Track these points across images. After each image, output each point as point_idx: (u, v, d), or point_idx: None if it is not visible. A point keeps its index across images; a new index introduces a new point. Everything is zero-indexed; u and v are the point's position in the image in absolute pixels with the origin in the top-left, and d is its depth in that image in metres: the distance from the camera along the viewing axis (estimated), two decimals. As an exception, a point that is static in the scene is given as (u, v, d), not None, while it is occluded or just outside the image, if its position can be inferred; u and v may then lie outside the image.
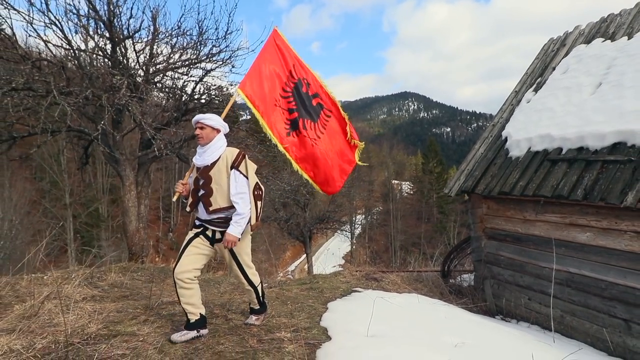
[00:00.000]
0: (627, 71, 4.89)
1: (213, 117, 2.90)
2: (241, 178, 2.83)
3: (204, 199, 2.82)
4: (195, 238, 2.87)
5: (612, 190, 3.92)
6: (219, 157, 2.85)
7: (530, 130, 5.49)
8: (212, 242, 2.88)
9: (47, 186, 29.81)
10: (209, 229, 2.87)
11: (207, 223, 2.87)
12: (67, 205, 28.90)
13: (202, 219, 2.88)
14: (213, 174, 2.83)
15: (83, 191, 32.15)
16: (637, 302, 3.95)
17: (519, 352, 3.05)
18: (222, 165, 2.84)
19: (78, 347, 2.53)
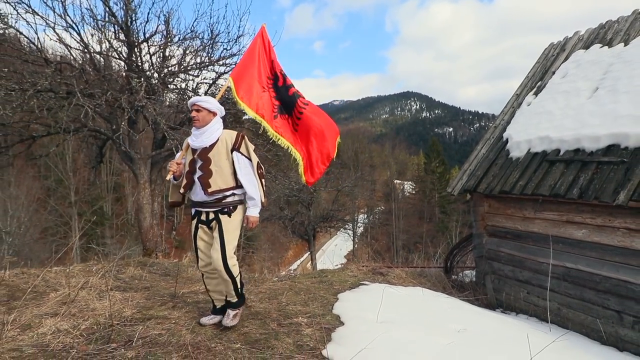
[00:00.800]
0: (623, 77, 5.13)
1: (209, 100, 2.90)
2: (244, 160, 2.86)
3: (202, 180, 2.80)
4: (197, 231, 2.92)
5: (606, 190, 4.18)
6: (218, 139, 2.86)
7: (530, 132, 5.74)
8: (209, 224, 2.87)
9: (53, 184, 30.19)
10: (202, 213, 2.88)
11: (200, 205, 2.87)
12: (73, 204, 29.29)
13: (196, 200, 2.88)
14: (212, 155, 2.82)
15: (87, 189, 32.53)
16: (629, 294, 4.21)
17: (517, 338, 3.31)
18: (222, 148, 2.85)
19: (118, 328, 2.81)
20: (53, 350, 2.46)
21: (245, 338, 2.81)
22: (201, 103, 2.86)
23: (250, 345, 2.69)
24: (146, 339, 2.66)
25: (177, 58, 7.90)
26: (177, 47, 7.88)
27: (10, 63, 5.50)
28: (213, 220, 2.85)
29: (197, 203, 2.89)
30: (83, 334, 2.70)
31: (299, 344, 2.80)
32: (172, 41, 7.48)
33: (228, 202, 2.85)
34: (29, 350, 2.44)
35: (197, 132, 2.87)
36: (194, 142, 2.87)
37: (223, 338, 2.75)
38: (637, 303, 4.14)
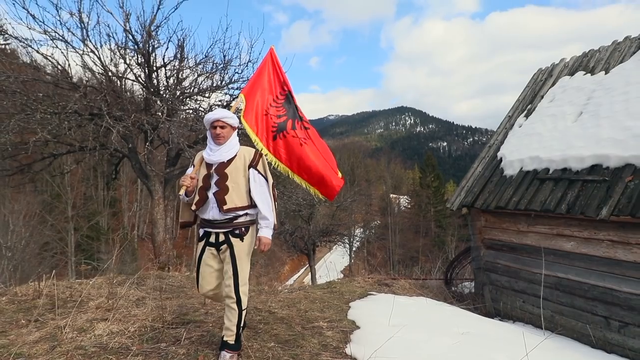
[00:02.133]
0: (604, 103, 5.68)
1: (234, 116, 2.79)
2: (260, 178, 2.74)
3: (218, 196, 2.65)
4: (203, 254, 2.74)
5: (590, 205, 4.65)
6: (236, 155, 2.72)
7: (522, 152, 6.24)
8: (219, 246, 2.70)
9: (49, 199, 30.20)
10: (212, 234, 2.70)
11: (210, 225, 2.70)
12: (69, 218, 29.34)
13: (208, 218, 2.68)
14: (229, 171, 2.68)
15: (84, 204, 32.61)
16: (615, 301, 4.64)
17: (514, 339, 3.70)
18: (240, 164, 2.72)
19: (163, 330, 3.17)
20: (112, 348, 2.82)
21: (277, 338, 3.18)
22: (227, 119, 2.71)
23: (281, 344, 3.06)
24: (191, 338, 3.03)
25: (191, 80, 8.39)
26: (191, 71, 8.36)
27: (44, 88, 5.92)
28: (224, 244, 2.68)
29: (207, 222, 2.72)
30: (134, 335, 3.06)
31: (324, 344, 3.18)
32: (187, 65, 7.97)
33: (240, 222, 2.69)
34: (91, 349, 2.80)
35: (215, 147, 2.72)
36: (211, 156, 2.71)
37: (257, 339, 3.13)
38: (622, 309, 4.56)
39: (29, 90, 5.57)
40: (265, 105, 3.57)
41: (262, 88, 3.63)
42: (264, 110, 3.54)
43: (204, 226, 2.76)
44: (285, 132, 3.51)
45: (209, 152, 2.74)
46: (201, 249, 2.76)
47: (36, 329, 3.26)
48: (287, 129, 3.53)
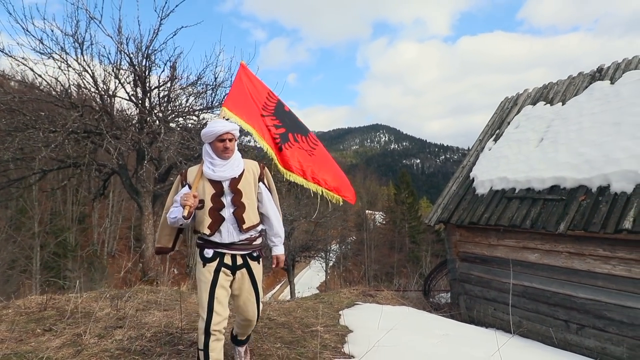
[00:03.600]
0: (561, 131, 6.46)
1: (237, 126, 2.59)
2: (268, 193, 2.65)
3: (238, 215, 2.44)
4: (218, 276, 2.41)
5: (550, 221, 5.30)
6: (244, 169, 2.55)
7: (492, 173, 6.92)
8: (235, 269, 2.47)
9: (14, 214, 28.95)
10: (226, 256, 2.45)
11: (228, 247, 2.45)
12: (36, 235, 28.24)
13: (222, 242, 2.44)
14: (242, 187, 2.50)
15: (51, 220, 31.46)
16: (573, 306, 5.26)
17: (488, 339, 4.21)
18: (250, 178, 2.56)
19: (178, 335, 3.47)
20: (136, 350, 3.10)
21: (282, 340, 3.54)
22: (235, 131, 2.52)
23: (287, 345, 3.43)
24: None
25: (182, 100, 8.72)
26: (183, 91, 8.71)
27: (45, 107, 6.12)
28: (242, 267, 2.49)
29: (221, 244, 2.46)
30: (152, 339, 3.34)
31: (323, 345, 3.56)
32: (180, 86, 8.32)
33: (258, 244, 2.57)
34: (116, 352, 3.07)
35: (221, 162, 2.48)
36: (218, 172, 2.46)
37: (265, 341, 3.48)
38: (579, 313, 5.19)
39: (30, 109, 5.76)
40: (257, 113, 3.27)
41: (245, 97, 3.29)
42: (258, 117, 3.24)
43: (216, 247, 2.46)
44: (290, 144, 3.29)
45: (212, 168, 2.47)
46: (214, 270, 2.41)
47: (54, 337, 3.47)
48: (290, 140, 3.32)
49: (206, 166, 2.50)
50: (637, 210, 4.50)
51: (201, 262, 2.45)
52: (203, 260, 2.45)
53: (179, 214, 2.38)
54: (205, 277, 2.40)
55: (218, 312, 2.37)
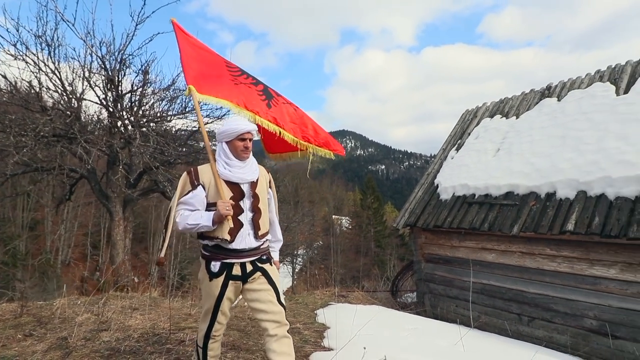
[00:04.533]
0: (515, 142, 7.12)
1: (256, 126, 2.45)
2: (273, 199, 2.56)
3: (255, 221, 2.32)
4: (225, 290, 2.25)
5: (505, 224, 5.87)
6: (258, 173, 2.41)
7: (454, 180, 7.48)
8: (245, 279, 2.28)
9: (-43, 222, 26.95)
10: (235, 266, 2.26)
11: (238, 255, 2.27)
12: (-19, 243, 26.41)
13: (237, 248, 2.25)
14: (259, 192, 2.37)
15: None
16: (525, 300, 5.84)
17: (451, 331, 4.64)
18: (264, 183, 2.43)
19: (165, 336, 3.60)
20: (125, 351, 3.21)
21: (265, 337, 3.76)
22: (255, 131, 2.40)
23: (271, 341, 3.65)
24: (193, 340, 3.50)
25: (154, 105, 8.70)
26: (154, 95, 8.69)
27: (16, 111, 5.96)
28: (254, 272, 2.30)
29: (231, 252, 2.27)
30: (140, 340, 3.46)
31: (304, 339, 3.82)
32: (153, 91, 8.31)
33: (265, 247, 2.42)
34: (106, 352, 3.17)
35: (241, 164, 2.32)
36: (238, 175, 2.29)
37: (250, 338, 3.69)
38: (530, 306, 5.77)
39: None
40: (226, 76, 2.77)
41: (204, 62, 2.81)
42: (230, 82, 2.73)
43: (225, 257, 2.26)
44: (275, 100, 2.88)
45: (230, 169, 2.29)
46: (221, 285, 2.24)
47: (37, 341, 3.49)
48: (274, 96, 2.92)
49: (222, 167, 2.30)
50: (578, 214, 5.13)
51: (207, 275, 2.26)
52: (210, 274, 2.26)
53: (207, 222, 2.17)
54: (212, 292, 2.26)
55: (220, 321, 2.33)
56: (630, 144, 5.19)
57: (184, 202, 2.26)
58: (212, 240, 2.26)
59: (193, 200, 2.25)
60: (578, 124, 6.24)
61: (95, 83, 7.54)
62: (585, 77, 7.30)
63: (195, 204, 2.25)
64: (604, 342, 4.92)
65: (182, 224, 2.20)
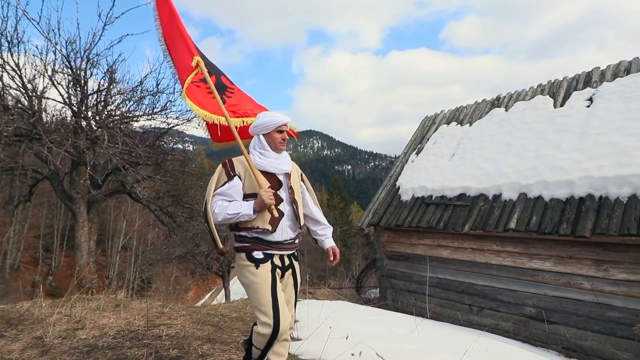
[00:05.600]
0: (468, 148, 7.76)
1: None
2: (308, 193, 2.58)
3: (297, 212, 2.34)
4: (275, 277, 2.21)
5: (458, 223, 6.44)
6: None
7: (414, 182, 8.03)
8: (284, 271, 2.29)
9: None
10: (275, 257, 2.24)
11: (278, 247, 2.26)
12: None
13: (278, 240, 2.25)
14: (294, 183, 2.40)
15: (-60, 229, 27.47)
16: (475, 292, 6.43)
17: (409, 321, 5.10)
18: (297, 177, 2.47)
19: (141, 332, 3.77)
20: (104, 346, 3.36)
21: (238, 330, 4.02)
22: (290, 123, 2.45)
23: (244, 333, 3.92)
24: (169, 335, 3.70)
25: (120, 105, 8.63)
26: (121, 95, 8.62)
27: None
28: (289, 268, 2.32)
29: (272, 244, 2.25)
30: (117, 336, 3.61)
31: (275, 332, 4.11)
32: (120, 90, 8.25)
33: (298, 243, 2.44)
34: (84, 349, 3.31)
35: (275, 155, 2.35)
36: (275, 165, 2.31)
37: (225, 331, 3.93)
38: (479, 297, 6.37)
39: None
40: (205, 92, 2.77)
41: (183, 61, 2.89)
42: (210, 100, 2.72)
43: (265, 247, 2.23)
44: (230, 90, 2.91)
45: (266, 160, 2.31)
46: (271, 272, 2.19)
47: (10, 341, 3.56)
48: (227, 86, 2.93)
49: (257, 157, 2.31)
50: (519, 214, 5.76)
51: (251, 264, 2.17)
52: (254, 261, 2.17)
53: (248, 211, 2.13)
54: (262, 278, 2.14)
55: (285, 315, 2.12)
56: (563, 151, 5.89)
57: (221, 193, 2.22)
58: (250, 231, 2.21)
59: (230, 191, 2.21)
60: (521, 133, 6.94)
61: (59, 81, 7.41)
62: (529, 90, 8.08)
63: (233, 194, 2.20)
64: (540, 327, 5.57)
65: (221, 214, 2.14)
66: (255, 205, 2.14)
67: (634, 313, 4.72)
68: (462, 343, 4.05)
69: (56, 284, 33.44)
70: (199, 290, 43.19)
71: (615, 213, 4.77)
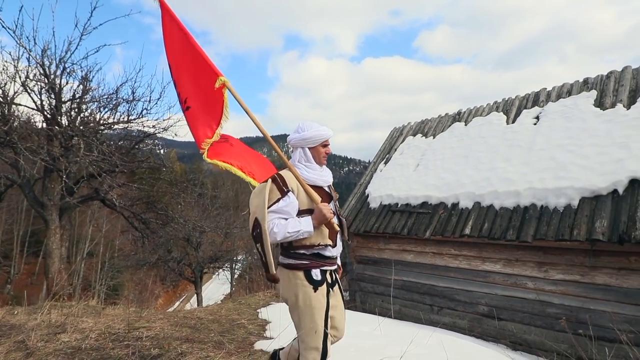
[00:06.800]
0: (431, 159, 8.36)
1: None
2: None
3: (342, 224, 2.33)
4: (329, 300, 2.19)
5: (420, 229, 6.98)
6: None
7: (382, 190, 8.54)
8: (333, 286, 2.30)
9: None
10: (327, 272, 2.23)
11: (332, 262, 2.26)
12: None
13: (332, 254, 2.25)
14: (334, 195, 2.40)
15: None
16: (435, 293, 6.97)
17: (373, 321, 5.53)
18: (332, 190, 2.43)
19: (123, 334, 4.00)
20: (87, 348, 3.58)
21: (215, 331, 4.31)
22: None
23: (220, 334, 4.22)
24: (149, 336, 3.95)
25: (94, 112, 8.70)
26: (96, 102, 8.69)
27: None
28: (335, 283, 2.32)
29: (330, 259, 2.24)
30: (99, 338, 3.83)
31: (249, 332, 4.44)
32: (95, 98, 8.33)
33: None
34: (69, 351, 3.52)
35: (320, 168, 2.34)
36: (323, 178, 2.30)
37: (202, 332, 4.22)
38: (439, 298, 6.91)
39: None
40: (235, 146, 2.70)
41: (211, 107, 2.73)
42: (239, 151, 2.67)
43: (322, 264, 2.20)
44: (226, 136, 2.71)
45: (313, 173, 2.28)
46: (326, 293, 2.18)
47: (-8, 346, 3.70)
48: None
49: (304, 171, 2.27)
50: (474, 221, 6.35)
51: (310, 285, 2.12)
52: (313, 283, 2.13)
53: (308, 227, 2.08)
54: (319, 303, 2.11)
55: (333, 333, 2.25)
56: (512, 165, 6.55)
57: (277, 211, 2.10)
58: (309, 248, 2.16)
59: (288, 208, 2.11)
60: (478, 146, 7.59)
61: (31, 88, 7.43)
62: (486, 107, 8.80)
63: (291, 211, 2.11)
64: (492, 323, 6.15)
65: (281, 233, 2.05)
66: (314, 221, 2.10)
67: (569, 309, 5.36)
68: (418, 338, 4.52)
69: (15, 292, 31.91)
70: (168, 298, 42.34)
71: (553, 220, 5.42)
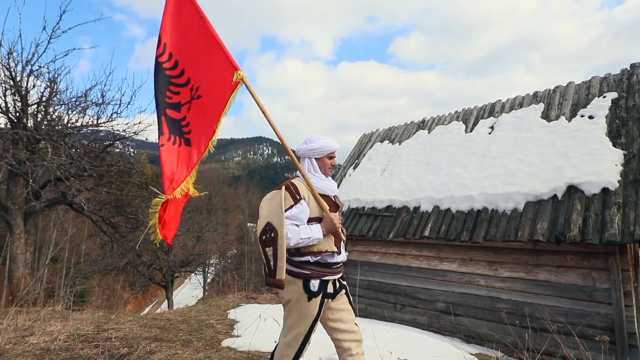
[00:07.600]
0: (396, 165, 8.79)
1: None
2: None
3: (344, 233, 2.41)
4: (321, 310, 2.22)
5: (384, 232, 7.37)
6: None
7: (350, 194, 8.89)
8: (335, 295, 2.32)
9: None
10: (329, 284, 2.27)
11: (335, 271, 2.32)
12: None
13: (336, 261, 2.31)
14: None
15: None
16: (398, 292, 7.37)
17: (338, 319, 5.83)
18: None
19: (91, 336, 4.10)
20: (56, 349, 3.69)
21: (184, 330, 4.49)
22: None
23: (188, 333, 4.40)
24: (118, 337, 4.08)
25: (62, 116, 8.61)
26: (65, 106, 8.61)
27: None
28: (339, 290, 2.35)
29: (334, 266, 2.31)
30: (68, 339, 3.93)
31: (217, 331, 4.64)
32: (62, 101, 8.26)
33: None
34: (37, 352, 3.61)
35: (325, 178, 2.44)
36: (329, 186, 2.41)
37: (170, 332, 4.38)
38: (402, 296, 7.31)
39: None
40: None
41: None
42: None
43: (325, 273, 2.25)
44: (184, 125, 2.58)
45: (321, 182, 2.38)
46: (319, 304, 2.21)
47: (-43, 350, 3.73)
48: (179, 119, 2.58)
49: (315, 180, 2.37)
50: (433, 224, 6.79)
51: (305, 294, 2.18)
52: (308, 293, 2.18)
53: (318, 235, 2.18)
54: (309, 312, 2.18)
55: (309, 342, 2.26)
56: (468, 171, 7.04)
57: (291, 217, 2.18)
58: (315, 255, 2.23)
59: (301, 215, 2.20)
60: (438, 153, 8.08)
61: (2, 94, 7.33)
62: (447, 116, 9.34)
63: (303, 218, 2.21)
64: (449, 319, 6.59)
65: (294, 239, 2.13)
66: (323, 228, 2.20)
67: (516, 304, 5.85)
68: (378, 333, 4.85)
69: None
70: (138, 303, 41.21)
71: (502, 223, 5.91)
